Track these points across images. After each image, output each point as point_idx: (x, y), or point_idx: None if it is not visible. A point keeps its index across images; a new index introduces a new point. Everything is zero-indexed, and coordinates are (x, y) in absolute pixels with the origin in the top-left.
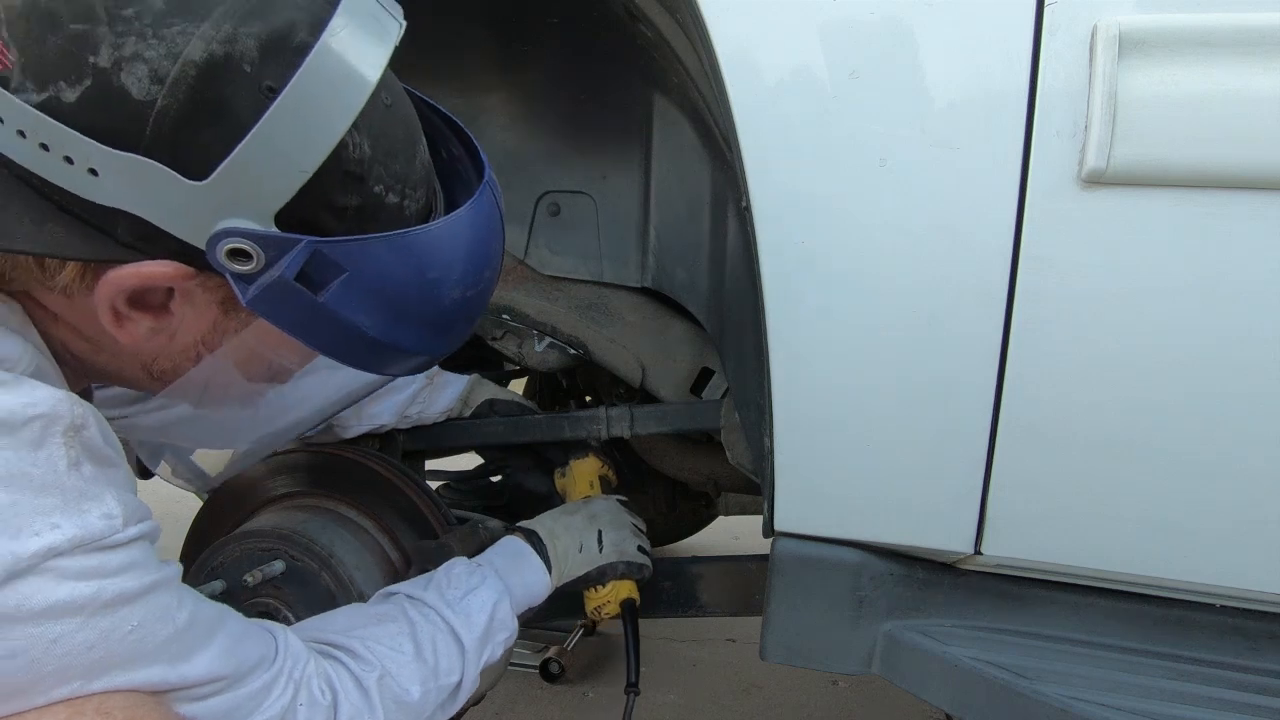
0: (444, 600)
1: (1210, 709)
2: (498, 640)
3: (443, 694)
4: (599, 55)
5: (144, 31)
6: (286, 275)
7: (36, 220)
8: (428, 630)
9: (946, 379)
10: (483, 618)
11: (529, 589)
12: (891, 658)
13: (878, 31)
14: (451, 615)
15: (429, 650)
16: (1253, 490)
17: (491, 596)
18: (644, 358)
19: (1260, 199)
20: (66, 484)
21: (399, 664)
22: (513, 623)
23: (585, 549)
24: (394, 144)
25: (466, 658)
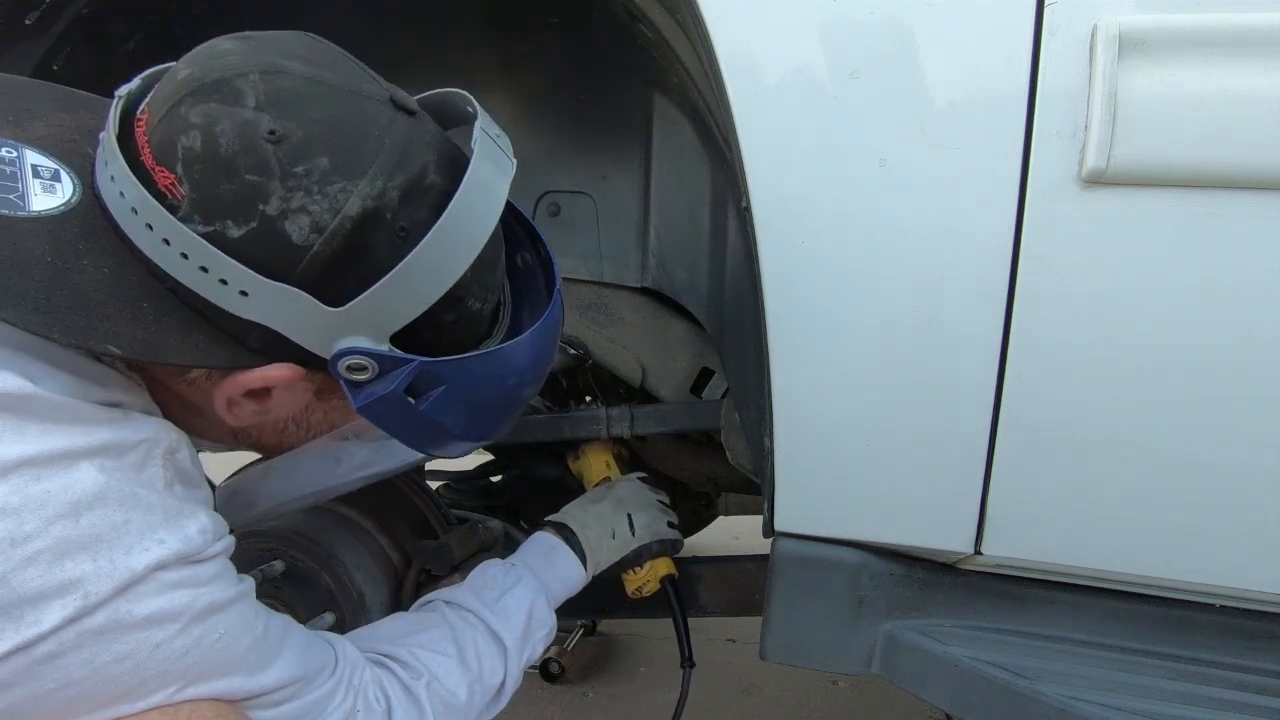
0: (482, 602)
1: (1210, 709)
2: (537, 638)
3: (488, 694)
4: (599, 55)
5: (310, 188)
6: (398, 389)
7: (184, 331)
8: (469, 634)
9: (946, 379)
10: (521, 617)
11: (566, 583)
12: (891, 658)
13: (878, 31)
14: (490, 616)
15: (472, 654)
16: (1253, 490)
17: (529, 595)
18: (644, 358)
19: (1260, 199)
20: (167, 503)
21: (445, 669)
22: (551, 619)
23: (618, 535)
24: (489, 264)
25: (509, 657)
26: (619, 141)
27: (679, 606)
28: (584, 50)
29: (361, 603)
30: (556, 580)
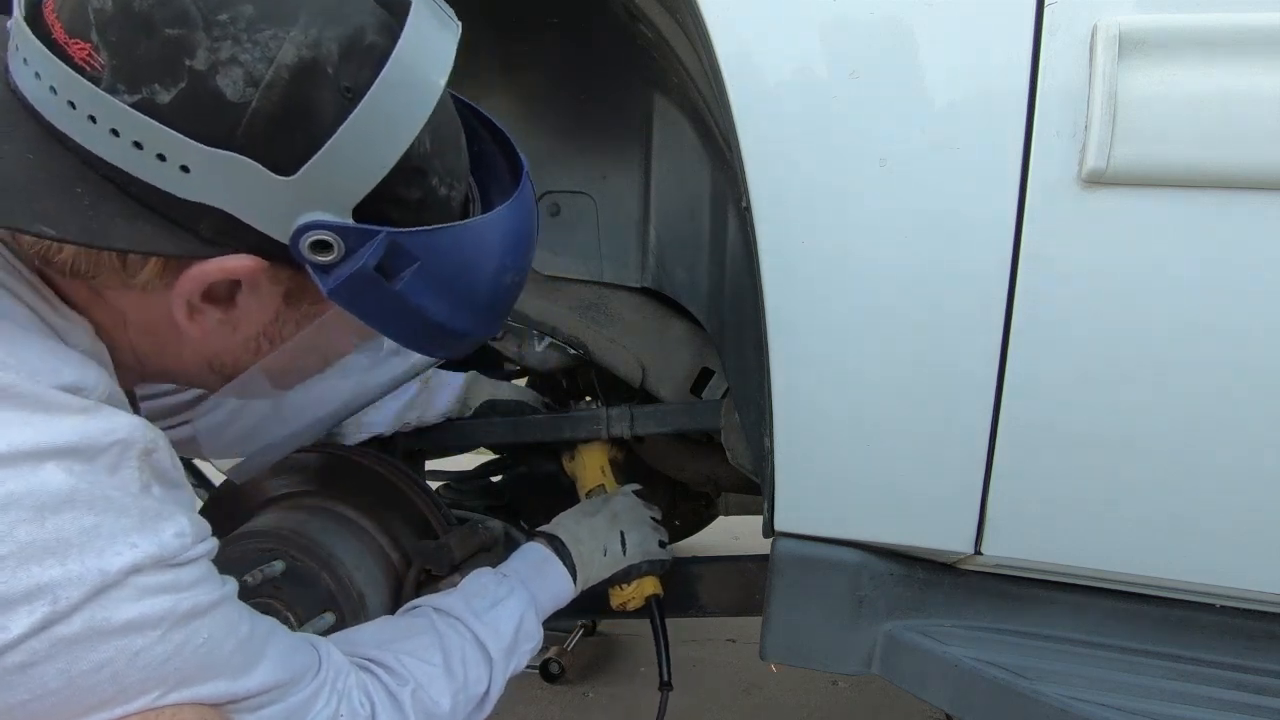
0: (471, 611)
1: (1210, 709)
2: (524, 650)
3: (471, 703)
4: (599, 55)
5: (239, 36)
6: (367, 265)
7: (128, 218)
8: (456, 642)
9: (946, 379)
10: (509, 629)
11: (555, 598)
12: (891, 658)
13: (878, 31)
14: (479, 626)
15: (458, 663)
16: (1253, 490)
17: (519, 608)
18: (644, 358)
19: (1260, 199)
20: (143, 505)
21: (430, 677)
22: (538, 632)
23: (609, 552)
24: (448, 140)
25: (494, 668)
26: (619, 141)
27: (662, 626)
28: (584, 50)
29: (361, 603)
30: (546, 593)
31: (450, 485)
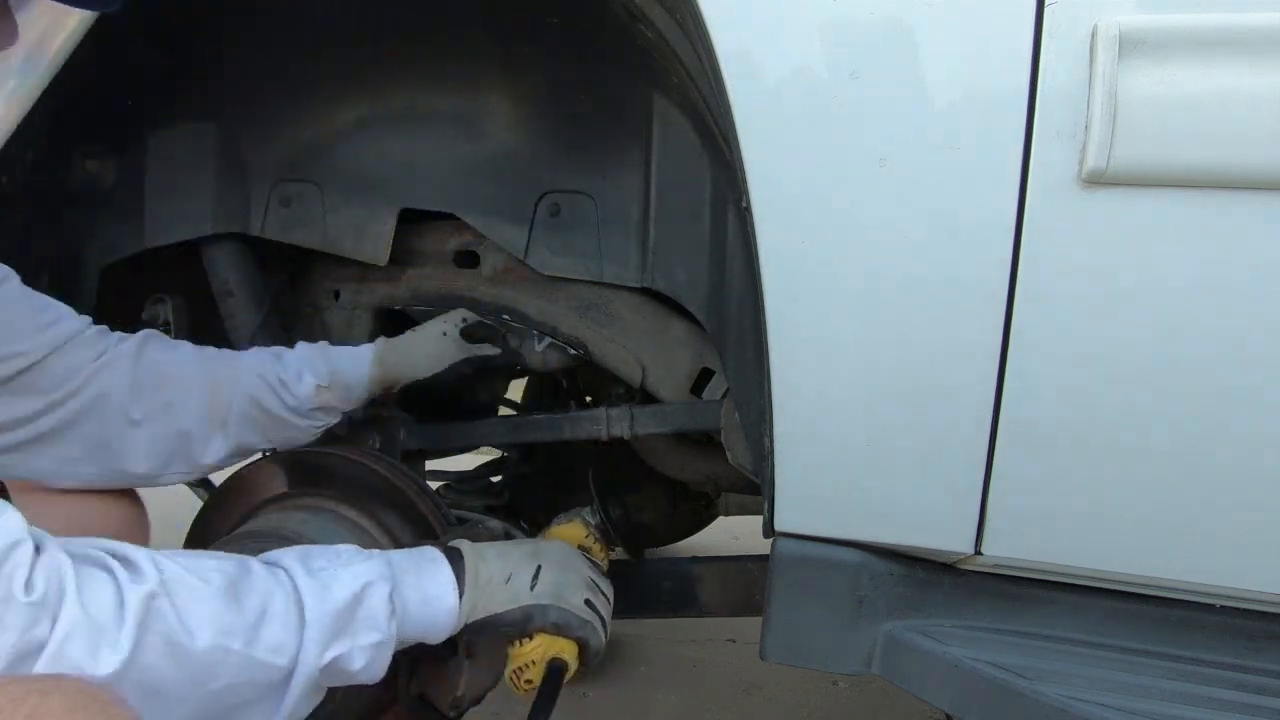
0: (301, 561)
1: (1210, 709)
2: (360, 635)
3: (251, 670)
4: (599, 55)
5: None
6: None
7: None
8: (263, 584)
9: (947, 379)
10: (344, 594)
11: (427, 601)
12: (891, 658)
13: (878, 31)
14: (304, 580)
15: (252, 601)
16: (1253, 490)
17: (366, 577)
18: (644, 358)
19: (1261, 199)
20: None
21: (191, 593)
22: (387, 627)
23: (514, 581)
24: None
25: (306, 635)
26: (619, 141)
27: (542, 706)
28: (584, 50)
29: None
30: (414, 589)
31: (450, 485)
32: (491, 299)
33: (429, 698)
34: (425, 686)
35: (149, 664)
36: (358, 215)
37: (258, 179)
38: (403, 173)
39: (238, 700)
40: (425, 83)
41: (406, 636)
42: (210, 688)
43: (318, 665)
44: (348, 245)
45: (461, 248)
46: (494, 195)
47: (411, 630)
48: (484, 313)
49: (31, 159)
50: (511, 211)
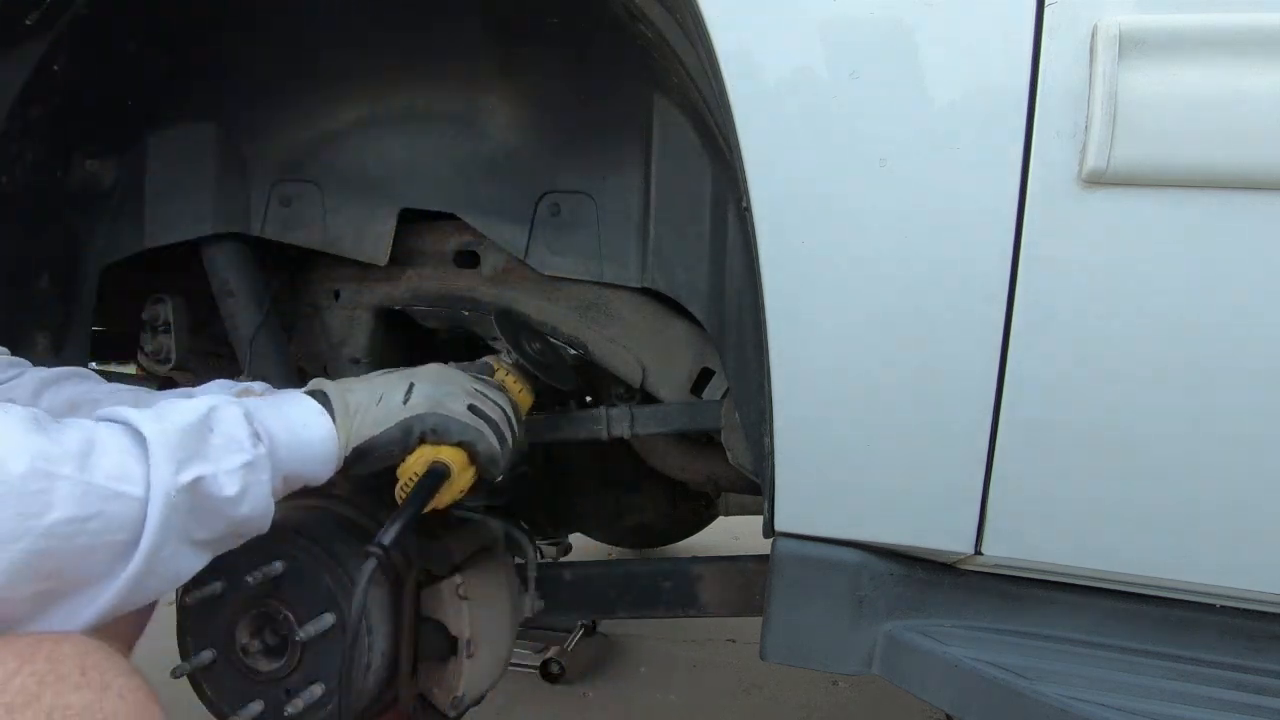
0: (132, 408)
1: (1210, 709)
2: (222, 458)
3: (95, 500)
4: (599, 55)
5: None
6: None
7: None
8: (77, 425)
9: (947, 379)
10: (185, 418)
11: (294, 430)
12: (891, 658)
13: (878, 31)
14: (133, 413)
15: (70, 434)
16: (1253, 490)
17: (207, 403)
18: (644, 358)
19: (1261, 199)
20: None
21: None
22: (253, 446)
23: (385, 400)
24: None
25: (152, 456)
26: (619, 141)
27: (413, 502)
28: (584, 50)
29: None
30: (277, 418)
31: None
32: (491, 299)
33: (429, 698)
34: (425, 687)
35: None
36: (358, 215)
37: (258, 179)
38: (403, 173)
39: (92, 539)
40: (425, 83)
41: (285, 468)
42: (46, 521)
43: (174, 485)
44: (348, 245)
45: (461, 248)
46: (494, 195)
47: (287, 459)
48: (484, 312)
49: (31, 159)
50: (511, 211)
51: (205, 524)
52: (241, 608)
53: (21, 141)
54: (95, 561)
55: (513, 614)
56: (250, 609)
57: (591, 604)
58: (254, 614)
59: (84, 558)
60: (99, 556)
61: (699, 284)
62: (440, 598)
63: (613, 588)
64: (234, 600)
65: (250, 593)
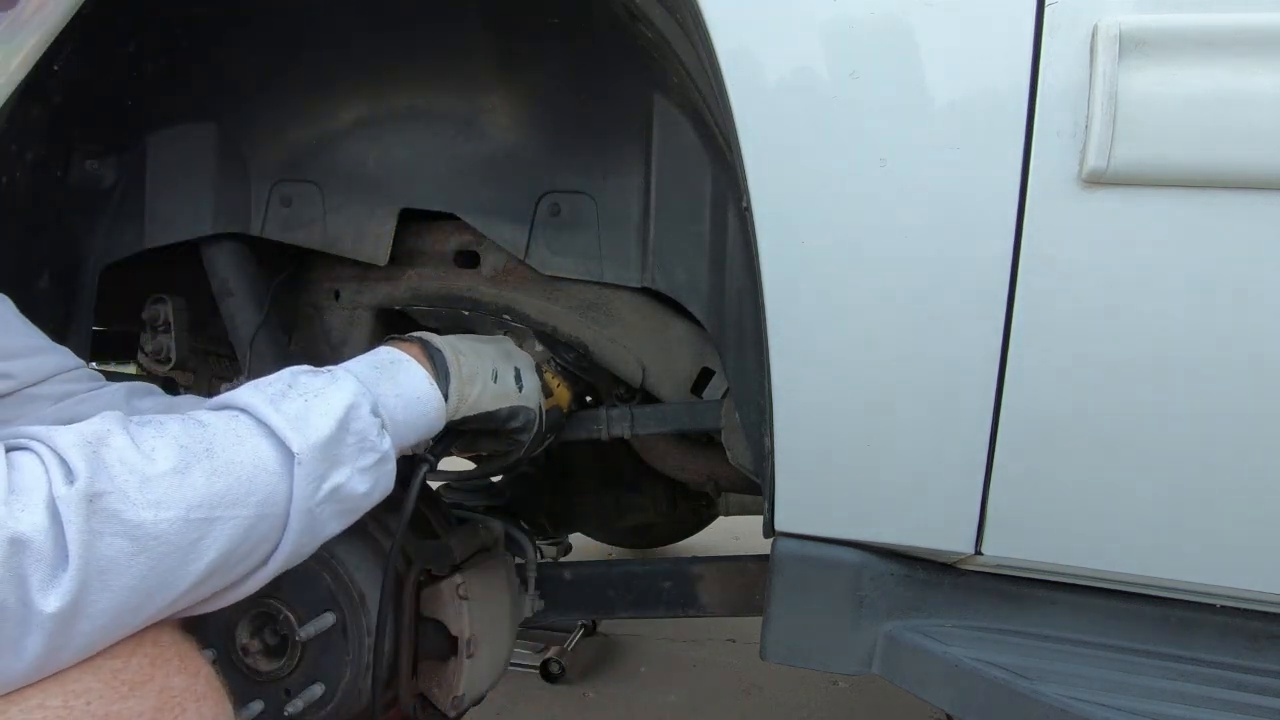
0: (273, 408)
1: (1210, 709)
2: (358, 458)
3: (245, 527)
4: (599, 55)
5: None
6: None
7: None
8: (227, 442)
9: (947, 379)
10: (326, 425)
11: (409, 405)
12: (891, 658)
13: (878, 31)
14: (279, 420)
15: (212, 458)
16: (1253, 490)
17: (343, 401)
18: (644, 358)
19: (1261, 199)
20: None
21: (140, 476)
22: (382, 441)
23: (501, 380)
24: None
25: (298, 472)
26: (619, 141)
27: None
28: (584, 50)
29: (361, 603)
30: (396, 397)
31: (450, 485)
32: (492, 299)
33: (429, 698)
34: (425, 686)
35: (112, 565)
36: (358, 215)
37: (258, 179)
38: (403, 173)
39: (239, 561)
40: (425, 83)
41: (404, 444)
42: (198, 567)
43: (317, 500)
44: (348, 245)
45: (462, 248)
46: (494, 195)
47: (405, 437)
48: (485, 312)
49: (31, 159)
50: (511, 211)
51: (337, 518)
52: (241, 608)
53: (21, 141)
54: (237, 573)
55: (513, 614)
56: (250, 609)
57: (591, 604)
58: (254, 614)
59: (227, 575)
60: (242, 568)
61: (699, 284)
62: (440, 598)
63: (613, 588)
64: None
65: None
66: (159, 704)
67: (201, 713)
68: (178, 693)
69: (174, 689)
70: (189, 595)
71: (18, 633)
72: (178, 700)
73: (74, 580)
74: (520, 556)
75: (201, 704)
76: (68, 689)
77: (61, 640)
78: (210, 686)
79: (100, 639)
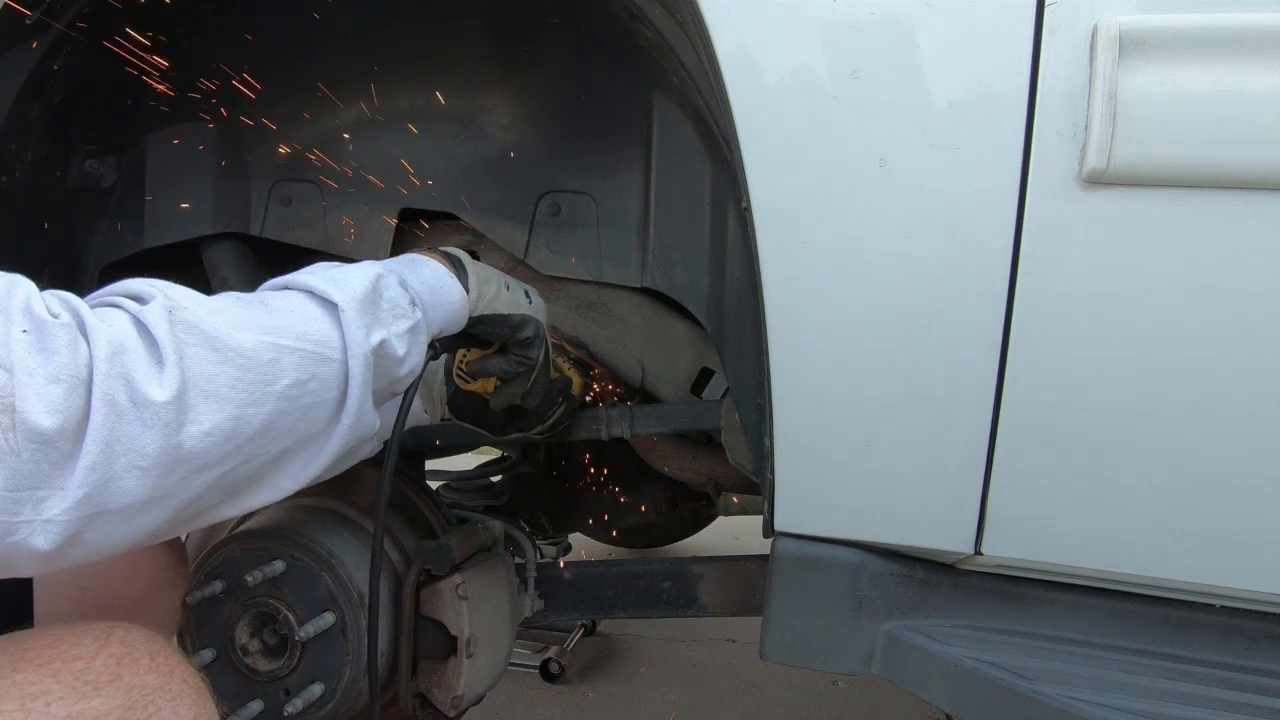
0: (309, 276)
1: (1210, 709)
2: (393, 322)
3: (311, 364)
4: (599, 55)
5: None
6: None
7: None
8: (279, 296)
9: (947, 379)
10: (361, 284)
11: (435, 291)
12: (891, 658)
13: (878, 31)
14: (317, 281)
15: (277, 304)
16: (1253, 490)
17: (371, 271)
18: (644, 358)
19: (1260, 199)
20: None
21: (209, 307)
22: (413, 310)
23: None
24: None
25: (345, 321)
26: (619, 141)
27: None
28: (584, 50)
29: (361, 603)
30: (421, 281)
31: (450, 485)
32: None
33: (429, 697)
34: (425, 686)
35: (203, 372)
36: (358, 215)
37: (258, 179)
38: (403, 173)
39: (312, 399)
40: (425, 83)
41: (434, 327)
42: (278, 387)
43: (369, 347)
44: (348, 245)
45: (462, 247)
46: (494, 195)
47: (435, 316)
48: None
49: (31, 159)
50: (511, 211)
51: (381, 380)
52: (241, 607)
53: (21, 141)
54: (316, 418)
55: (513, 614)
56: (250, 609)
57: (591, 604)
58: (254, 614)
59: (307, 414)
60: (319, 413)
61: (699, 284)
62: (440, 598)
63: (613, 588)
64: (234, 600)
65: (250, 592)
66: (127, 702)
67: (177, 711)
68: (150, 691)
69: (145, 687)
70: (278, 433)
71: (135, 429)
72: (150, 698)
73: (173, 376)
74: (520, 556)
75: (177, 703)
76: (25, 692)
77: (176, 446)
78: (187, 685)
79: (215, 459)
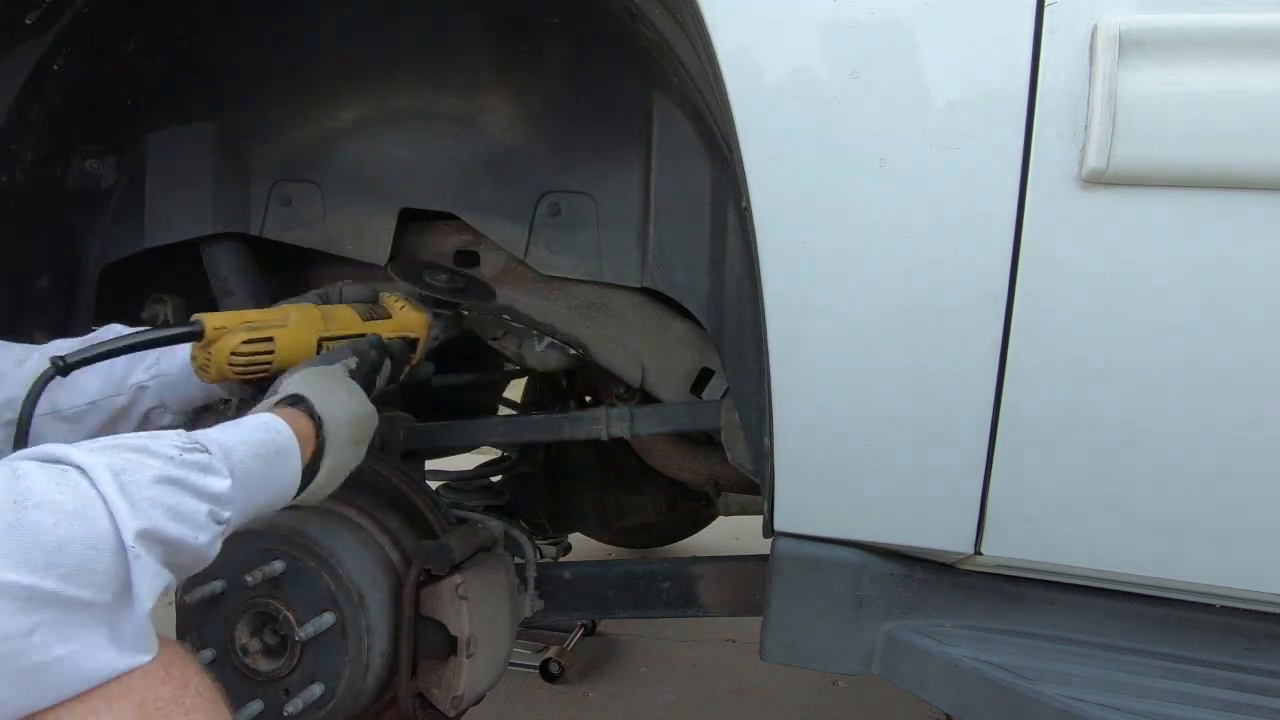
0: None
1: (1210, 709)
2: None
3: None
4: (599, 55)
5: None
6: None
7: None
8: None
9: (947, 378)
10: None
11: (268, 502)
12: (891, 658)
13: (878, 31)
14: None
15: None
16: (1253, 490)
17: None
18: (644, 358)
19: (1260, 199)
20: None
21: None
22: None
23: (352, 393)
24: None
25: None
26: (619, 141)
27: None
28: (584, 50)
29: (361, 603)
30: (261, 496)
31: (450, 485)
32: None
33: (429, 697)
34: (425, 686)
35: None
36: (358, 215)
37: (258, 179)
38: (403, 173)
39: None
40: (425, 83)
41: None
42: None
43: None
44: (348, 245)
45: (461, 248)
46: (494, 195)
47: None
48: (485, 312)
49: (31, 158)
50: (511, 211)
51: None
52: (241, 607)
53: (21, 141)
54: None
55: (513, 614)
56: (250, 609)
57: (591, 604)
58: (254, 614)
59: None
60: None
61: (699, 284)
62: (440, 598)
63: (613, 588)
64: (234, 600)
65: (250, 592)
66: (140, 716)
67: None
68: (163, 704)
69: (159, 700)
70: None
71: None
72: (162, 713)
73: None
74: (520, 556)
75: (192, 716)
76: None
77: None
78: (202, 698)
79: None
